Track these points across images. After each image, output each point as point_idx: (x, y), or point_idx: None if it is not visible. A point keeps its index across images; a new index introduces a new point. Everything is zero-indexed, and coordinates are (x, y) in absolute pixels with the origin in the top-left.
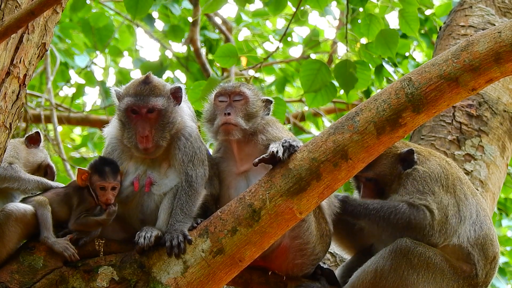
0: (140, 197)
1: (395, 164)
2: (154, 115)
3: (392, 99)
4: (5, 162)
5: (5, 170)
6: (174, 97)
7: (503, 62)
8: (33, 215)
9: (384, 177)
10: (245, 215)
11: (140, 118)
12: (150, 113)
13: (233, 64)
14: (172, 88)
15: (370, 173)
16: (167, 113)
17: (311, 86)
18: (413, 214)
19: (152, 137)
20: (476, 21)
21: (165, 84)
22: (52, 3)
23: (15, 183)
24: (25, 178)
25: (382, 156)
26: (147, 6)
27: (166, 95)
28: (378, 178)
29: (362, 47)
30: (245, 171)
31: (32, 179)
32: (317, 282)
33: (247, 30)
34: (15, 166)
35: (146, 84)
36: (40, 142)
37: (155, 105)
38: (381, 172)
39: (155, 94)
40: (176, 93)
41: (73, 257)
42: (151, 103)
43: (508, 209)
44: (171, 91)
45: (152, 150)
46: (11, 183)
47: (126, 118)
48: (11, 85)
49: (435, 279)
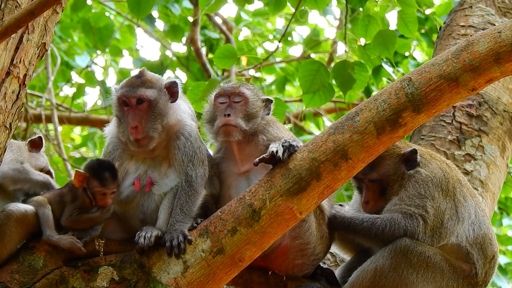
0: (140, 197)
1: (398, 164)
2: (145, 106)
3: (392, 99)
4: (17, 162)
5: (19, 172)
6: (169, 92)
7: (503, 62)
8: (34, 215)
9: (388, 177)
10: (245, 215)
11: (131, 110)
12: (140, 104)
13: (232, 65)
14: (167, 82)
15: (374, 174)
16: (158, 104)
17: (309, 86)
18: (408, 223)
19: (143, 128)
20: (476, 21)
21: (159, 78)
22: (52, 3)
23: (26, 185)
24: (35, 180)
25: (385, 157)
26: (149, 6)
27: (158, 88)
28: (382, 179)
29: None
30: (246, 172)
31: (41, 180)
32: (317, 282)
33: (248, 29)
34: (26, 166)
35: (138, 78)
36: (42, 148)
37: (144, 95)
38: (385, 173)
39: (146, 86)
40: (171, 88)
41: (82, 250)
42: (139, 93)
43: (508, 209)
44: (166, 86)
45: (145, 142)
46: (23, 185)
47: (120, 112)
48: (11, 85)
49: (434, 278)
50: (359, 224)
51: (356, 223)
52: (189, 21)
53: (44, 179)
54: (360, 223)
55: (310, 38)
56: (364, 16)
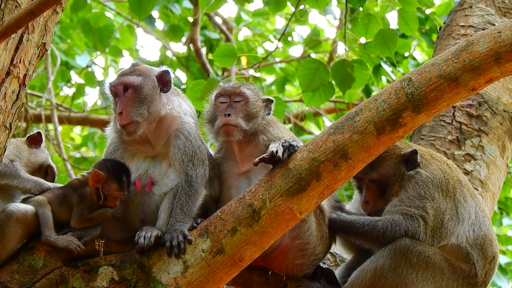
0: (141, 197)
1: (399, 165)
2: (130, 93)
3: (392, 99)
4: (6, 159)
5: (5, 166)
6: (162, 81)
7: (503, 62)
8: (34, 215)
9: (388, 178)
10: (245, 215)
11: (119, 99)
12: (126, 92)
13: (232, 63)
14: (158, 71)
15: (374, 174)
16: (142, 89)
17: (309, 85)
18: (409, 224)
19: (127, 113)
20: (476, 21)
21: (151, 69)
22: (52, 3)
23: (14, 181)
24: (24, 177)
25: (386, 157)
26: (150, 6)
27: (146, 75)
28: (382, 180)
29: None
30: (246, 172)
31: (31, 179)
32: (317, 282)
33: (247, 29)
34: (16, 164)
35: (130, 68)
36: (42, 143)
37: (128, 81)
38: (385, 173)
39: (134, 74)
40: (162, 77)
41: (79, 249)
42: (124, 79)
43: (508, 209)
44: (157, 75)
45: (132, 128)
46: (10, 180)
47: (112, 104)
48: (11, 85)
49: (434, 278)
50: (360, 227)
51: (357, 227)
52: (189, 21)
53: (35, 178)
54: (361, 226)
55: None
56: (365, 15)
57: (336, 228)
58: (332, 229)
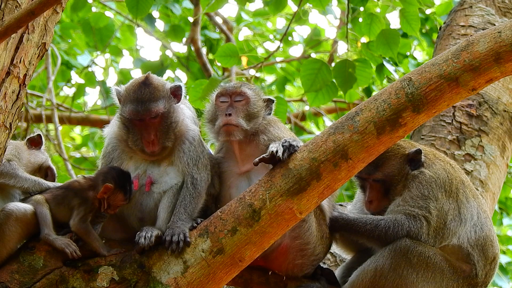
0: (139, 196)
1: (403, 164)
2: (158, 119)
3: (392, 99)
4: (4, 159)
5: (3, 165)
6: (174, 95)
7: (503, 62)
8: (33, 214)
9: (392, 178)
10: (245, 215)
11: (144, 124)
12: (153, 119)
13: (234, 63)
14: (172, 87)
15: (378, 174)
16: (169, 114)
17: (311, 85)
18: (411, 224)
19: (158, 141)
20: (476, 21)
21: (164, 84)
22: (52, 3)
23: (11, 180)
24: (22, 176)
25: (390, 157)
26: (147, 6)
27: (166, 96)
28: (387, 179)
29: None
30: (246, 171)
31: (29, 178)
32: (317, 282)
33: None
34: (13, 163)
35: (146, 87)
36: (42, 145)
37: (157, 110)
38: (389, 173)
39: (156, 97)
40: (176, 91)
41: (75, 254)
42: (153, 109)
43: (508, 209)
44: (171, 90)
45: (159, 151)
46: (7, 179)
47: (130, 123)
48: (11, 85)
49: (434, 278)
50: (362, 226)
51: (359, 225)
52: (189, 21)
53: (33, 178)
54: (363, 225)
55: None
56: (367, 15)
57: (338, 226)
58: (334, 228)
